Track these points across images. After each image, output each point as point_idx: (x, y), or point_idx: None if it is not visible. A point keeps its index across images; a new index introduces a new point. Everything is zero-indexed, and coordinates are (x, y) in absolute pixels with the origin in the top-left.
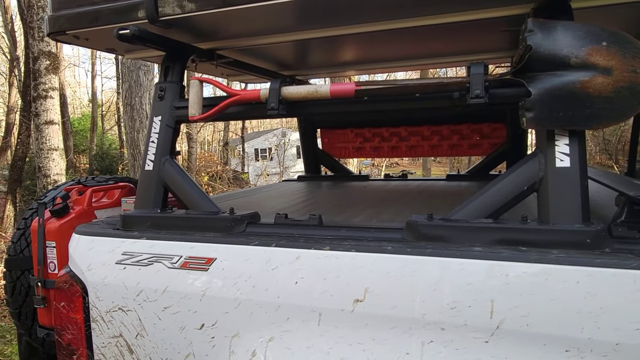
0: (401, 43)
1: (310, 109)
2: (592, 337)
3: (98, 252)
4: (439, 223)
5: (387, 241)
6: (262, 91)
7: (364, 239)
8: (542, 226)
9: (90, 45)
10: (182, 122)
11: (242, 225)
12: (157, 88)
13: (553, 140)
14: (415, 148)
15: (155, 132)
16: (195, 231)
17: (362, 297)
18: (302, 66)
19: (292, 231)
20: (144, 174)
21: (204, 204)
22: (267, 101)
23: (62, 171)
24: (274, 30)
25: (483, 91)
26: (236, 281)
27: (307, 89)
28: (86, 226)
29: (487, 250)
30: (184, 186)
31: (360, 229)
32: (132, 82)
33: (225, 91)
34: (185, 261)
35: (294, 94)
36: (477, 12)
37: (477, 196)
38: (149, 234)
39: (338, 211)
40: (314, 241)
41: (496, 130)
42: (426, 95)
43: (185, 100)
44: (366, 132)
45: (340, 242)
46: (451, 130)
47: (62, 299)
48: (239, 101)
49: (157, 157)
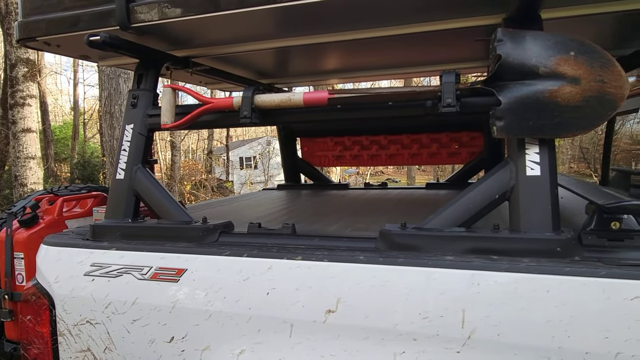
0: (380, 52)
1: (284, 117)
2: (562, 346)
3: (66, 263)
4: (411, 232)
5: (360, 251)
6: (235, 99)
7: (336, 249)
8: (513, 235)
9: (62, 52)
10: (155, 130)
11: (214, 235)
12: (130, 96)
13: (523, 149)
14: (395, 156)
15: (127, 140)
16: (167, 241)
17: (334, 308)
18: (281, 74)
19: (265, 240)
20: (115, 183)
21: (176, 214)
22: (239, 109)
23: (39, 180)
24: (251, 38)
25: (454, 100)
26: (207, 292)
27: (280, 97)
28: (55, 237)
29: (459, 259)
30: (155, 195)
31: (333, 238)
32: (112, 89)
33: (198, 99)
34: (155, 272)
35: (267, 102)
36: (450, 21)
37: (450, 205)
38: (119, 244)
39: (314, 220)
40: (287, 251)
41: (474, 139)
42: (399, 103)
43: (157, 108)
44: (346, 141)
45: (313, 252)
46: (430, 139)
47: (28, 312)
48: (212, 109)
49: (129, 166)
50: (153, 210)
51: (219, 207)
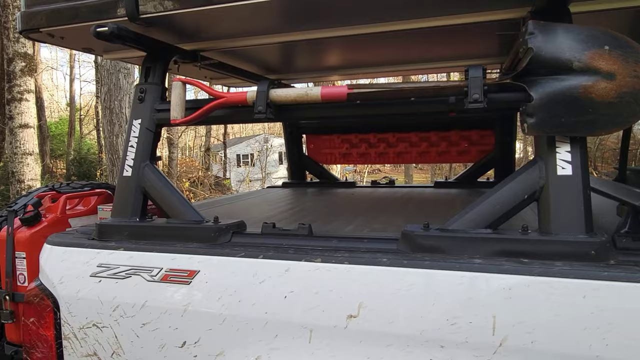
0: (390, 47)
1: (299, 113)
2: (600, 355)
3: (71, 263)
4: (435, 233)
5: (381, 252)
6: (249, 94)
7: (357, 250)
8: (544, 237)
9: (66, 45)
10: (163, 126)
11: (227, 235)
12: (137, 90)
13: (554, 147)
14: (403, 155)
15: (135, 135)
16: (177, 241)
17: (356, 313)
18: (288, 69)
19: (280, 241)
20: (122, 180)
21: (186, 213)
22: (254, 104)
23: (37, 176)
24: (260, 32)
25: (482, 95)
26: (221, 295)
27: (297, 92)
28: (59, 236)
29: (488, 262)
30: (165, 193)
31: (352, 239)
32: (112, 85)
33: (210, 93)
34: (165, 274)
35: (282, 97)
36: (471, 15)
37: (475, 205)
38: (127, 245)
39: (327, 220)
40: (304, 252)
41: (484, 137)
42: (422, 99)
43: (166, 102)
44: (353, 138)
45: (332, 254)
46: (440, 137)
47: (31, 314)
48: (225, 104)
49: (137, 163)
50: (162, 208)
51: (225, 206)
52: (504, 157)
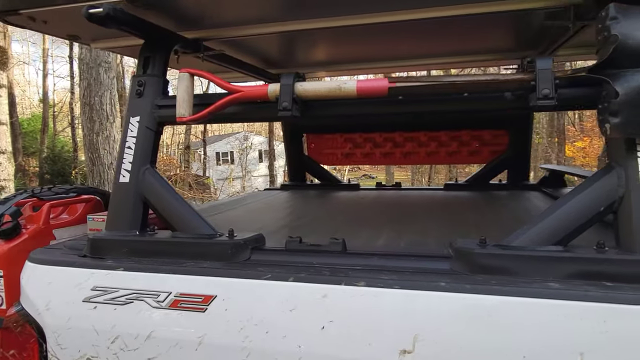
0: (398, 40)
1: (330, 110)
2: None
3: (60, 286)
4: (497, 251)
5: (434, 274)
6: (271, 87)
7: (405, 271)
8: (628, 256)
9: (48, 31)
10: (166, 124)
11: (245, 252)
12: (135, 82)
13: (635, 151)
14: (410, 155)
15: (132, 135)
16: (187, 259)
17: (410, 347)
18: (291, 63)
19: (310, 259)
20: (118, 187)
21: (195, 225)
22: (277, 100)
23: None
24: (265, 19)
25: (553, 91)
26: (243, 325)
27: (329, 86)
28: (43, 252)
29: (569, 287)
30: (169, 202)
31: (396, 256)
32: (92, 79)
33: (224, 87)
34: (175, 299)
35: (311, 91)
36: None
37: (541, 218)
38: (128, 264)
39: (351, 231)
40: (343, 274)
41: (497, 137)
42: (478, 95)
43: (169, 97)
44: (357, 138)
45: (377, 275)
46: (450, 137)
47: (11, 345)
48: (241, 99)
49: (135, 167)
50: (166, 220)
51: (224, 213)
52: (518, 158)
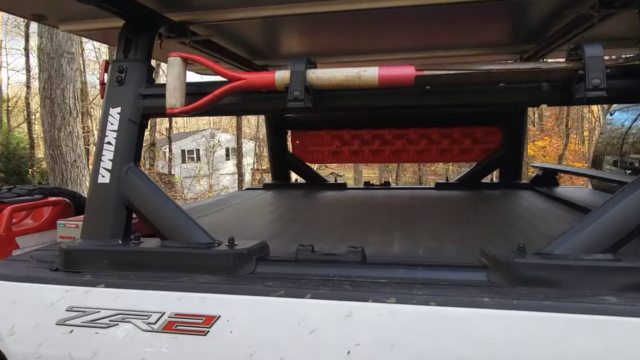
0: (393, 31)
1: (347, 101)
2: None
3: (27, 306)
4: (540, 261)
5: (472, 286)
6: (279, 74)
7: (437, 284)
8: None
9: (11, 9)
10: (152, 116)
11: (250, 264)
12: (115, 69)
13: None
14: (400, 153)
15: (113, 129)
16: (182, 273)
17: None
18: (278, 55)
19: (325, 271)
20: (97, 189)
21: (188, 232)
22: (287, 89)
23: None
24: (254, 2)
25: (604, 81)
26: (253, 351)
27: (346, 74)
28: (5, 265)
29: (630, 302)
30: (158, 205)
31: (423, 266)
32: (53, 71)
33: (224, 74)
34: (170, 320)
35: (325, 80)
36: None
37: (586, 223)
38: (109, 279)
39: (356, 234)
40: (368, 288)
41: (489, 135)
42: (516, 85)
43: (156, 85)
44: (345, 134)
45: (409, 290)
46: (441, 134)
47: None
48: (243, 88)
49: (117, 165)
50: (154, 226)
51: (209, 216)
52: (511, 157)
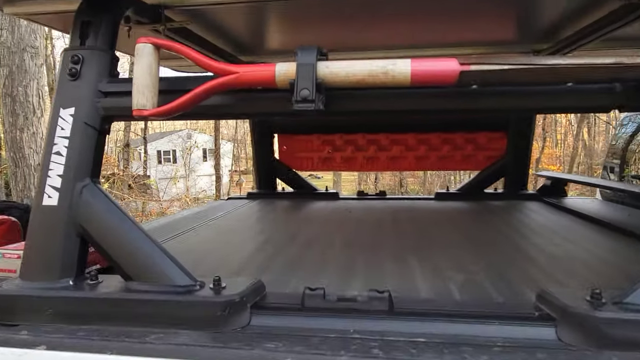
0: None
1: (365, 103)
2: None
3: None
4: (631, 316)
5: (540, 349)
6: (281, 67)
7: (493, 344)
8: None
9: None
10: (115, 120)
11: (243, 314)
12: (68, 59)
13: None
14: (397, 160)
15: (64, 135)
16: (154, 327)
17: None
18: (267, 50)
19: (343, 325)
20: (41, 213)
21: (161, 269)
22: (292, 86)
23: None
24: None
25: None
26: None
27: (369, 68)
28: None
29: None
30: (121, 234)
31: (466, 318)
32: (15, 67)
33: (210, 68)
34: None
35: (342, 75)
36: None
37: None
38: (54, 338)
39: (368, 265)
40: (403, 352)
41: (493, 141)
42: (585, 85)
43: (121, 81)
44: (337, 139)
45: (457, 354)
46: (442, 140)
47: None
48: (234, 85)
49: (68, 183)
50: (116, 262)
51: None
52: (517, 164)
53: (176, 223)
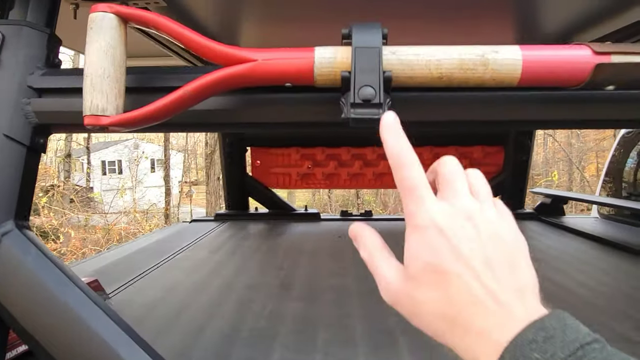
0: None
1: (449, 110)
2: None
3: None
4: None
5: None
6: (322, 52)
7: None
8: None
9: None
10: (55, 131)
11: None
12: None
13: None
14: (384, 176)
15: None
16: None
17: None
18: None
19: None
20: None
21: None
22: (346, 81)
23: None
24: None
25: None
26: None
27: (460, 59)
28: None
29: None
30: (59, 312)
31: None
32: None
33: (210, 53)
34: None
35: (422, 66)
36: None
37: None
38: None
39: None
40: None
41: (489, 156)
42: None
43: (65, 72)
44: (318, 154)
45: None
46: (434, 154)
47: None
48: (251, 80)
49: None
50: (49, 355)
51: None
52: (515, 182)
53: (126, 260)
